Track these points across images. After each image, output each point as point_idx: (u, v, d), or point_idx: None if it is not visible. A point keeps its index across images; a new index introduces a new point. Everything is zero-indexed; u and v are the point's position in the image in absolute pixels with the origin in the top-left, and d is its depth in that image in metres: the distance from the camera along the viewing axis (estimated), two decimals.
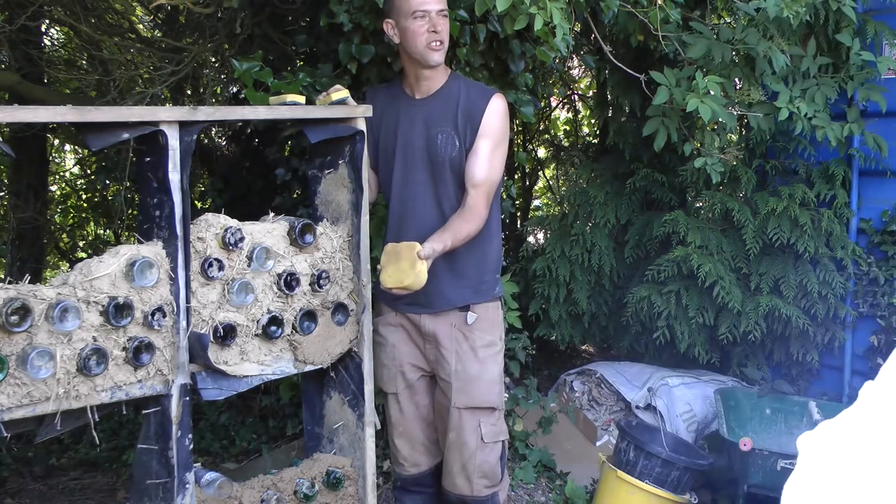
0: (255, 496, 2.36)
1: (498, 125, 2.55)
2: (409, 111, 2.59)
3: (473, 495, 2.65)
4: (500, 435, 2.67)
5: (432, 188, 2.57)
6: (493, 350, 2.64)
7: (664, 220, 4.21)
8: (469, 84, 2.63)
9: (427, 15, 2.45)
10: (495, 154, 2.55)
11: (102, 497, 3.79)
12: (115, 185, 5.05)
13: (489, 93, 2.57)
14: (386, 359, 2.71)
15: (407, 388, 2.70)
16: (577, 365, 4.89)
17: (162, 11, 4.15)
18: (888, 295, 3.97)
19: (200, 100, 4.20)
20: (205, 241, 2.18)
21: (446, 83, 2.59)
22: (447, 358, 2.61)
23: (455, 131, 2.53)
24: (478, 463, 2.62)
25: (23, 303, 1.83)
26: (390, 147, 2.62)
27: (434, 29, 2.46)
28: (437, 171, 2.56)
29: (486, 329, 2.63)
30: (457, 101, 2.55)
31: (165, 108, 2.41)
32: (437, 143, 2.54)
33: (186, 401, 2.16)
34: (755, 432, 3.61)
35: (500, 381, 2.67)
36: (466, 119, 2.53)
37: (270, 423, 4.17)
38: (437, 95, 2.58)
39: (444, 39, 2.49)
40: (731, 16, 4.41)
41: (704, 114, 3.11)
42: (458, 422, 2.61)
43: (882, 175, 4.04)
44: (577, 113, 6.50)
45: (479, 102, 2.54)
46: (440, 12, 2.47)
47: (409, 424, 2.72)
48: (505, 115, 2.58)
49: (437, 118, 2.55)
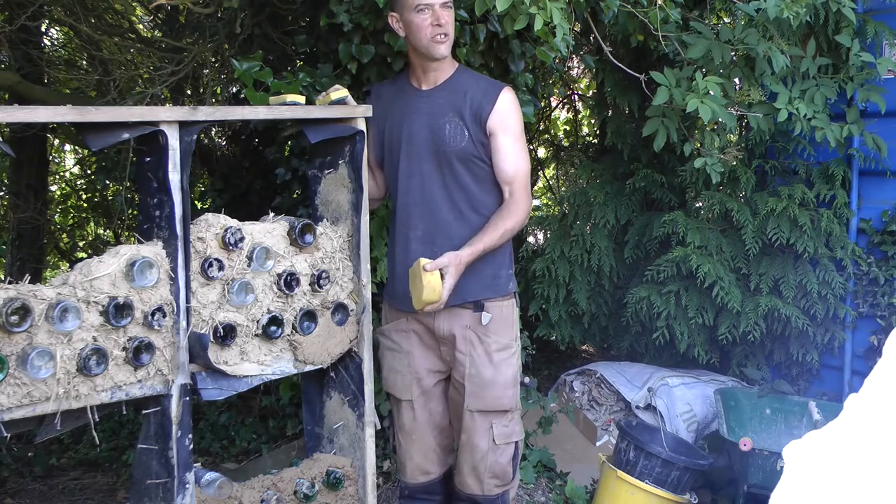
0: (255, 496, 2.36)
1: (514, 118, 2.56)
2: (416, 102, 2.58)
3: (484, 494, 2.66)
4: (513, 436, 2.66)
5: (440, 178, 2.55)
6: (507, 353, 2.61)
7: (664, 221, 4.21)
8: (477, 76, 2.63)
9: (430, 8, 2.44)
10: (517, 146, 2.56)
11: (102, 497, 3.79)
12: (115, 185, 5.05)
13: (499, 86, 2.57)
14: (400, 366, 2.68)
15: (422, 395, 2.68)
16: (577, 365, 4.90)
17: (162, 11, 4.15)
18: (888, 295, 3.97)
19: (200, 100, 4.20)
20: (205, 241, 2.18)
21: (453, 75, 2.58)
22: (462, 361, 2.59)
23: (462, 121, 2.52)
24: (489, 464, 2.62)
25: (23, 303, 1.83)
26: (396, 139, 2.60)
27: (437, 22, 2.44)
28: (443, 161, 2.54)
29: (501, 331, 2.60)
30: (465, 91, 2.54)
31: (165, 108, 2.41)
32: (445, 133, 2.52)
33: (186, 401, 2.16)
34: (755, 432, 3.61)
35: (514, 383, 2.64)
36: (475, 111, 2.52)
37: (270, 423, 4.17)
38: (445, 86, 2.57)
39: (448, 32, 2.48)
40: (729, 16, 4.42)
41: (704, 114, 3.11)
42: (470, 424, 2.61)
43: (882, 175, 4.04)
44: (577, 113, 6.50)
45: (490, 94, 2.53)
46: (444, 4, 2.46)
47: (422, 432, 2.70)
48: (517, 107, 2.58)
49: (445, 108, 2.54)
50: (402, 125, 2.58)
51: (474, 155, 2.53)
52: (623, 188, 4.63)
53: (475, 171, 2.55)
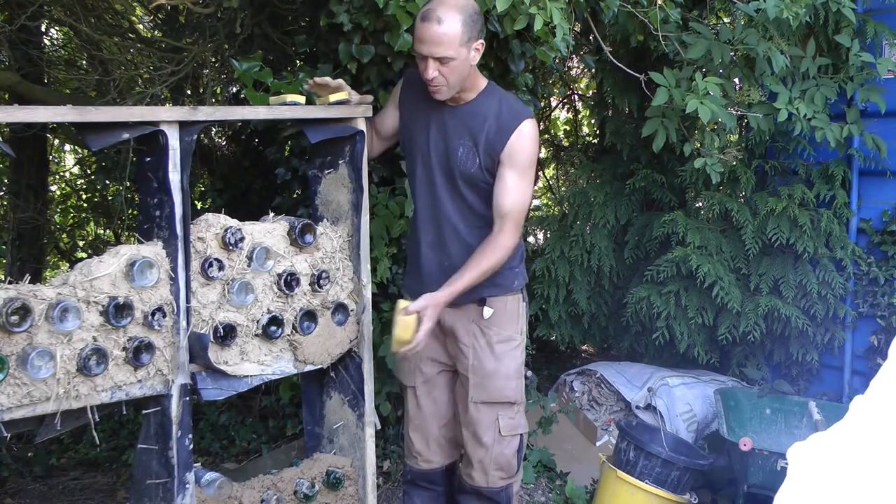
0: (255, 496, 2.36)
1: (526, 153, 2.47)
2: (440, 115, 2.52)
3: (489, 486, 2.68)
4: (519, 428, 2.68)
5: (449, 191, 2.54)
6: (510, 345, 2.63)
7: (664, 221, 4.21)
8: (504, 101, 2.50)
9: (422, 59, 2.38)
10: (521, 182, 2.48)
11: (102, 497, 3.79)
12: (115, 185, 5.05)
13: (520, 117, 2.46)
14: None
15: (424, 383, 2.71)
16: (577, 365, 4.90)
17: (162, 11, 4.15)
18: (888, 295, 3.97)
19: (200, 100, 4.20)
20: (205, 241, 2.18)
21: (478, 97, 2.50)
22: (465, 353, 2.61)
23: (476, 148, 2.47)
24: (494, 456, 2.64)
25: (23, 303, 1.83)
26: (417, 143, 2.58)
27: (426, 74, 2.37)
28: (453, 180, 2.53)
29: (504, 323, 2.62)
30: (485, 118, 2.47)
31: (165, 108, 2.41)
32: (458, 154, 2.49)
33: (186, 401, 2.16)
34: (755, 432, 3.61)
35: (517, 375, 2.66)
36: (490, 141, 2.46)
37: (270, 423, 4.17)
38: (468, 108, 2.50)
39: (439, 84, 2.39)
40: (729, 16, 4.42)
41: (704, 115, 3.11)
42: (475, 416, 2.63)
43: (882, 175, 4.04)
44: (577, 113, 6.50)
45: (507, 128, 2.45)
46: (436, 58, 2.34)
47: (424, 419, 2.73)
48: (533, 141, 2.48)
49: (463, 130, 2.49)
50: (423, 132, 2.55)
51: (481, 180, 2.51)
52: (623, 188, 4.63)
53: (480, 193, 2.54)
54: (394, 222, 3.29)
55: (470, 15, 2.36)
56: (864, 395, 1.32)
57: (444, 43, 2.32)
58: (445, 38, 2.32)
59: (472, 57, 2.40)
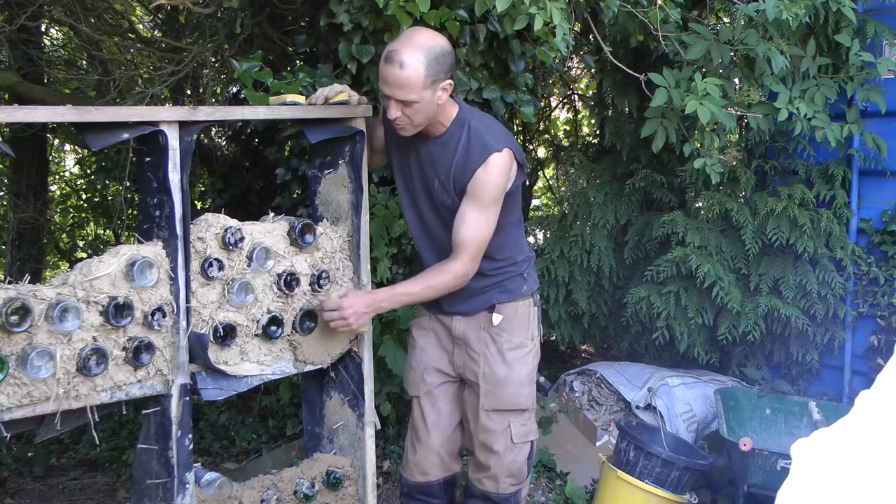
0: (255, 496, 2.36)
1: (490, 188, 2.40)
2: (416, 146, 2.50)
3: (499, 493, 2.67)
4: (530, 435, 2.67)
5: (436, 219, 2.55)
6: (521, 352, 2.62)
7: (663, 221, 4.21)
8: (473, 134, 2.43)
9: (386, 98, 2.33)
10: (482, 215, 2.42)
11: (102, 497, 3.79)
12: (115, 185, 5.05)
13: (487, 152, 2.39)
14: (414, 361, 2.72)
15: (427, 394, 2.69)
16: (577, 365, 4.90)
17: (162, 11, 4.15)
18: (888, 295, 3.97)
19: (200, 100, 4.20)
20: (205, 241, 2.18)
21: (448, 129, 2.45)
22: (476, 360, 2.61)
23: (449, 182, 2.45)
24: (506, 463, 2.63)
25: (23, 303, 1.83)
26: (402, 166, 2.57)
27: (389, 114, 2.34)
28: (437, 209, 2.53)
29: (515, 330, 2.61)
30: (454, 152, 2.43)
31: (165, 108, 2.41)
32: (434, 188, 2.49)
33: (186, 401, 2.17)
34: (755, 432, 3.61)
35: (529, 381, 2.65)
36: (457, 176, 2.43)
37: (270, 423, 4.18)
38: (438, 141, 2.47)
39: (403, 124, 2.35)
40: (728, 16, 4.41)
41: (703, 116, 3.11)
42: (487, 424, 2.62)
43: (882, 175, 4.04)
44: (577, 113, 6.50)
45: (473, 163, 2.40)
46: (399, 101, 2.30)
47: (425, 431, 2.71)
48: (501, 174, 2.41)
49: (436, 165, 2.47)
50: (406, 160, 2.55)
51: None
52: (623, 188, 4.62)
53: None
54: (393, 222, 3.29)
55: (436, 56, 2.28)
56: (869, 391, 1.32)
57: (406, 87, 2.27)
58: (407, 83, 2.27)
59: (438, 97, 2.34)
